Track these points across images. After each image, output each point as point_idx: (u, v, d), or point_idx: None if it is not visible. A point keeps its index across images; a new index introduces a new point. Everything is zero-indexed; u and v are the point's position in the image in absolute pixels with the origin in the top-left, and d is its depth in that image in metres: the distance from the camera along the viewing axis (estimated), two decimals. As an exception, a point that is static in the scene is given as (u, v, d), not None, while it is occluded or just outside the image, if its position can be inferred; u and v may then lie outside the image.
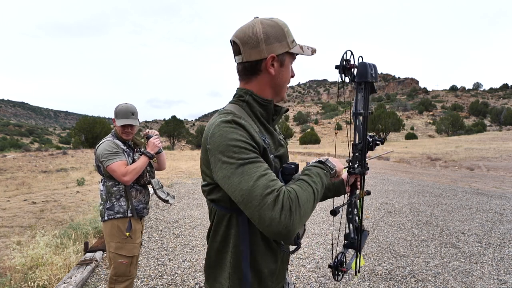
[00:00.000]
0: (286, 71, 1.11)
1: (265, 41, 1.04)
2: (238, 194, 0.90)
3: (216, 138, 0.95)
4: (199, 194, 8.69)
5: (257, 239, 1.07)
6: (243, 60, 1.07)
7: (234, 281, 1.06)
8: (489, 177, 11.85)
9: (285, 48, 1.07)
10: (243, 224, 1.04)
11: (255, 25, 1.05)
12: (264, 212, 0.85)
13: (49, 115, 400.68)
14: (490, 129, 65.67)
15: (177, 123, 55.61)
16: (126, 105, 2.38)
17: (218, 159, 0.94)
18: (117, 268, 2.28)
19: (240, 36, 1.06)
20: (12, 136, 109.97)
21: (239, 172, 0.90)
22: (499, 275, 3.50)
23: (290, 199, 0.87)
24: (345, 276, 1.60)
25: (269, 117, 1.13)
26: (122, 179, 2.22)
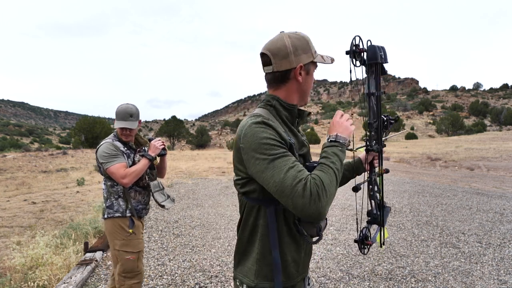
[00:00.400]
0: (311, 79, 1.25)
1: (294, 52, 1.17)
2: (272, 185, 1.03)
3: (248, 138, 1.09)
4: (199, 194, 8.69)
5: (282, 229, 1.18)
6: (274, 70, 1.19)
7: (261, 266, 1.19)
8: (489, 177, 11.85)
9: (310, 58, 1.21)
10: (270, 215, 1.16)
11: (283, 38, 1.18)
12: (296, 199, 0.99)
13: (49, 115, 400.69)
14: (490, 129, 65.66)
15: (177, 123, 55.62)
16: (126, 106, 2.35)
17: (251, 156, 1.08)
18: (125, 264, 2.28)
19: (270, 49, 1.18)
20: (12, 136, 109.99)
21: (271, 167, 1.04)
22: (499, 275, 3.50)
23: (317, 185, 1.00)
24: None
25: (293, 120, 1.26)
26: (121, 181, 2.23)
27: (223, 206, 7.06)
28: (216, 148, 59.69)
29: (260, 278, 1.19)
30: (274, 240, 1.16)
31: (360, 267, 3.72)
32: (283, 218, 1.18)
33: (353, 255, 4.10)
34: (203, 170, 14.76)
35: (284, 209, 1.17)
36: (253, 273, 1.19)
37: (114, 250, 2.32)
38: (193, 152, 33.09)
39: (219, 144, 70.58)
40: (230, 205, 7.18)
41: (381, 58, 1.27)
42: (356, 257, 4.02)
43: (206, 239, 4.78)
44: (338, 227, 5.31)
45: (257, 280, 1.19)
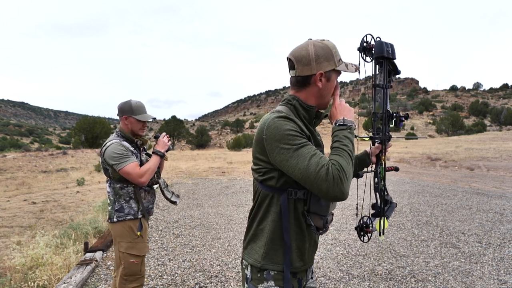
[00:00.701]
0: (331, 85, 1.33)
1: (316, 60, 1.26)
2: (298, 172, 1.14)
3: (272, 130, 1.19)
4: (199, 194, 8.69)
5: (290, 218, 1.27)
6: (296, 74, 1.29)
7: (269, 249, 1.28)
8: (489, 177, 11.85)
9: (332, 66, 1.28)
10: (284, 201, 1.25)
11: (308, 46, 1.28)
12: (321, 183, 1.10)
13: (49, 115, 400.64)
14: (490, 129, 65.64)
15: (177, 123, 55.63)
16: (137, 101, 2.35)
17: (275, 146, 1.18)
18: (128, 267, 2.24)
19: (295, 55, 1.29)
20: (12, 136, 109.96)
21: (296, 155, 1.14)
22: (499, 275, 3.50)
23: (338, 170, 1.10)
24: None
25: (311, 120, 1.34)
26: (139, 181, 2.19)
27: (223, 206, 7.06)
28: (216, 148, 59.67)
29: (266, 259, 1.28)
30: (286, 225, 1.25)
31: (360, 267, 3.72)
32: (293, 207, 1.26)
33: (353, 255, 4.10)
34: (203, 170, 14.76)
35: (295, 199, 1.26)
36: (260, 255, 1.28)
37: (119, 252, 2.27)
38: (193, 152, 33.10)
39: (219, 144, 70.57)
40: (230, 205, 7.18)
41: (387, 53, 1.36)
42: (356, 257, 4.02)
43: (206, 239, 4.78)
44: (338, 227, 5.31)
45: (264, 261, 1.28)
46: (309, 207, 1.25)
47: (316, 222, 1.25)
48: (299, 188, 1.25)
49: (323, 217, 1.25)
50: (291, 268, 1.28)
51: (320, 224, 1.25)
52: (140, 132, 2.36)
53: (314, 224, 1.25)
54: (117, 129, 2.39)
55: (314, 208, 1.24)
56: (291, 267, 1.28)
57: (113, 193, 2.26)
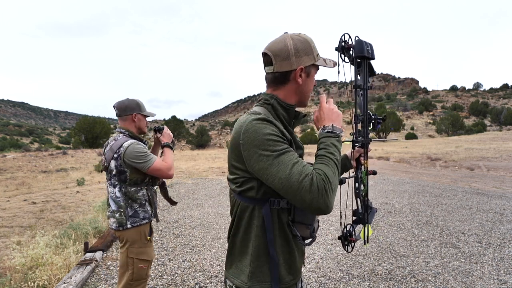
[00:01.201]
0: (311, 81, 1.25)
1: (295, 54, 1.17)
2: (278, 182, 1.03)
3: (250, 134, 1.07)
4: (199, 194, 8.69)
5: (275, 230, 1.16)
6: (274, 71, 1.19)
7: (255, 268, 1.17)
8: (489, 177, 11.85)
9: (312, 61, 1.20)
10: (266, 214, 1.14)
11: (286, 39, 1.18)
12: (304, 194, 0.99)
13: (49, 115, 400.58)
14: (490, 129, 65.63)
15: (177, 123, 55.64)
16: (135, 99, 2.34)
17: (254, 152, 1.06)
18: (137, 272, 2.20)
19: (272, 49, 1.18)
20: (12, 136, 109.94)
21: (276, 163, 1.03)
22: (499, 275, 3.50)
23: (322, 180, 1.00)
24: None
25: (290, 120, 1.24)
26: (168, 174, 2.17)
27: (223, 206, 7.06)
28: (216, 148, 59.65)
29: (253, 279, 1.16)
30: (270, 238, 1.15)
31: (360, 267, 3.72)
32: (276, 218, 1.16)
33: (353, 255, 4.10)
34: (203, 170, 14.76)
35: (278, 210, 1.16)
36: (246, 275, 1.17)
37: (127, 257, 2.19)
38: (193, 152, 33.09)
39: (219, 144, 70.56)
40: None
41: (367, 53, 1.28)
42: (356, 257, 4.02)
43: (206, 239, 4.78)
44: (338, 227, 5.31)
45: (250, 282, 1.16)
46: (293, 217, 1.16)
47: (302, 232, 1.16)
48: (282, 197, 1.13)
49: (309, 226, 1.15)
50: (281, 285, 1.18)
51: (307, 234, 1.16)
52: (145, 129, 2.35)
53: (300, 234, 1.16)
54: (122, 129, 2.26)
55: (299, 217, 1.15)
56: (281, 283, 1.18)
57: (125, 198, 2.15)
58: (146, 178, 2.23)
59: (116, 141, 2.17)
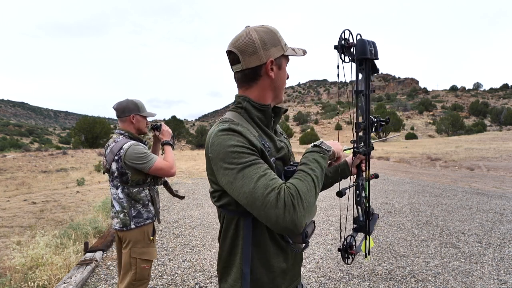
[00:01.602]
0: (283, 73, 1.16)
1: (263, 47, 1.08)
2: (243, 197, 0.95)
3: (215, 147, 1.01)
4: (199, 194, 8.69)
5: (265, 239, 1.10)
6: (243, 68, 1.10)
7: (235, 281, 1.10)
8: (489, 177, 11.85)
9: (281, 52, 1.12)
10: (247, 227, 1.08)
11: (249, 33, 1.09)
12: (268, 211, 0.91)
13: (49, 115, 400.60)
14: (490, 129, 65.62)
15: (177, 123, 55.62)
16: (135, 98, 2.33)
17: (220, 166, 1.00)
18: (139, 273, 2.19)
19: (237, 45, 1.09)
20: (12, 136, 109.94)
21: (240, 176, 0.95)
22: (499, 275, 3.50)
23: (291, 195, 0.92)
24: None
25: (268, 121, 1.16)
26: (171, 172, 2.17)
27: (223, 206, 7.06)
28: (216, 148, 59.39)
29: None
30: (246, 253, 1.07)
31: (360, 267, 3.72)
32: (266, 227, 1.09)
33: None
34: (203, 170, 14.76)
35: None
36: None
37: (130, 258, 2.18)
38: (193, 152, 33.09)
39: (219, 144, 70.25)
40: (230, 205, 7.18)
41: (370, 54, 1.15)
42: (356, 257, 4.02)
43: (206, 239, 4.78)
44: (338, 227, 5.31)
45: None
46: None
47: (294, 238, 1.08)
48: None
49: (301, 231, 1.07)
50: None
51: (299, 239, 1.05)
52: (145, 130, 2.34)
53: (293, 241, 1.09)
54: (121, 131, 2.25)
55: None
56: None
57: (128, 199, 2.16)
58: (148, 179, 2.23)
59: (116, 143, 2.16)
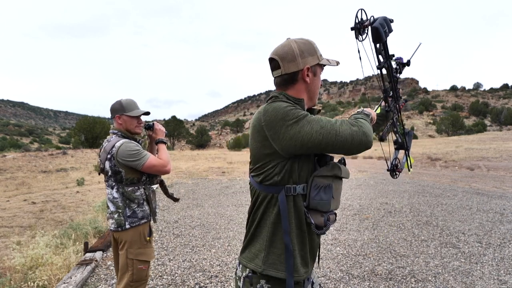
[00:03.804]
0: (318, 80, 1.31)
1: (301, 55, 1.23)
2: (316, 135, 1.11)
3: (270, 112, 1.16)
4: (199, 194, 8.69)
5: (291, 219, 1.20)
6: (282, 73, 1.25)
7: (269, 253, 1.20)
8: (489, 177, 11.84)
9: (316, 61, 1.27)
10: (282, 202, 1.18)
11: (290, 43, 1.25)
12: (343, 134, 1.11)
13: (49, 115, 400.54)
14: (490, 129, 65.61)
15: (177, 123, 55.64)
16: (127, 98, 2.31)
17: (281, 125, 1.13)
18: (137, 274, 2.18)
19: (278, 53, 1.25)
20: (12, 136, 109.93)
21: (306, 122, 1.12)
22: (499, 275, 3.50)
23: (355, 122, 1.16)
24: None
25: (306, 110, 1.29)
26: (165, 170, 2.16)
27: (223, 206, 7.06)
28: (216, 148, 59.67)
29: (267, 265, 1.19)
30: (286, 226, 1.18)
31: (360, 267, 3.72)
32: (293, 206, 1.19)
33: (353, 255, 4.10)
34: (203, 170, 14.76)
35: (294, 196, 1.19)
36: (261, 259, 1.20)
37: (126, 259, 2.16)
38: (193, 152, 33.08)
39: (219, 144, 70.53)
40: (230, 205, 7.18)
41: (386, 35, 1.31)
42: (356, 257, 4.02)
43: (206, 239, 4.78)
44: (338, 227, 5.31)
45: (264, 266, 1.19)
46: (308, 203, 1.19)
47: (316, 219, 1.19)
48: (298, 183, 1.19)
49: (323, 214, 1.18)
50: (295, 275, 1.18)
51: (321, 222, 1.18)
52: (137, 130, 2.28)
53: (314, 222, 1.19)
54: (114, 130, 2.26)
55: (314, 203, 1.18)
56: (295, 274, 1.18)
57: (123, 199, 2.14)
58: (143, 177, 2.22)
59: (109, 142, 2.16)
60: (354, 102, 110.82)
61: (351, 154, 1.15)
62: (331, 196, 1.18)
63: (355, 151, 1.14)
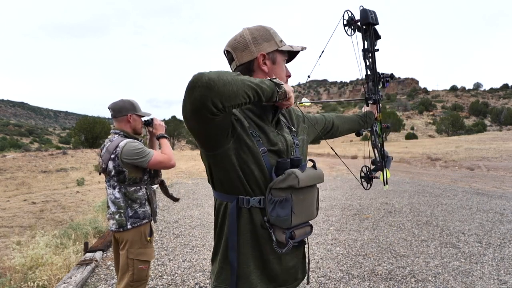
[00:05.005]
0: (279, 68, 1.18)
1: (253, 42, 1.13)
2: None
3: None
4: (199, 194, 8.69)
5: (245, 230, 1.09)
6: (237, 64, 1.15)
7: (222, 268, 1.12)
8: (489, 177, 11.84)
9: (274, 47, 1.15)
10: (231, 214, 1.08)
11: (242, 32, 1.16)
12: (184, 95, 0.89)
13: (49, 115, 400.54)
14: (490, 129, 65.62)
15: (177, 123, 55.61)
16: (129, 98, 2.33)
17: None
18: (137, 274, 2.18)
19: (231, 44, 1.16)
20: (12, 136, 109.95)
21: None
22: (499, 275, 3.50)
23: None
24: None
25: (260, 113, 1.15)
26: (171, 164, 2.16)
27: (223, 206, 7.05)
28: (216, 148, 59.27)
29: (219, 281, 1.11)
30: (232, 239, 1.07)
31: (360, 267, 3.72)
32: (248, 217, 1.08)
33: (353, 255, 4.10)
34: (203, 170, 14.76)
35: (249, 209, 1.08)
36: (215, 274, 1.14)
37: (127, 259, 2.17)
38: (193, 152, 33.07)
39: (219, 144, 70.22)
40: (230, 205, 7.17)
41: (372, 19, 1.44)
42: (356, 257, 4.02)
43: (206, 239, 4.78)
44: (338, 227, 5.31)
45: (216, 282, 1.12)
46: (268, 218, 1.06)
47: (278, 236, 1.05)
48: (252, 196, 1.08)
49: (285, 230, 1.04)
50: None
51: (282, 239, 1.04)
52: (141, 130, 2.33)
53: (277, 238, 1.06)
54: (116, 130, 2.24)
55: (272, 219, 1.04)
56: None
57: (125, 199, 2.14)
58: (145, 176, 2.23)
59: (111, 142, 2.16)
60: (354, 102, 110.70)
61: (193, 100, 0.87)
62: (290, 211, 1.01)
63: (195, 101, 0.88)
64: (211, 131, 0.98)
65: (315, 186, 1.15)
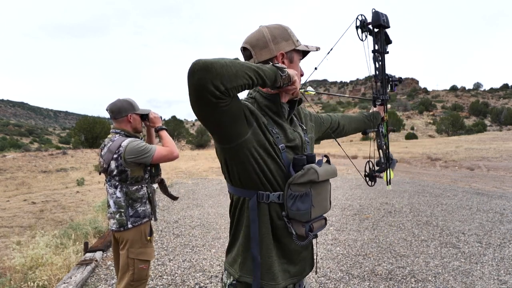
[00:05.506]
0: (296, 67, 1.21)
1: (273, 41, 1.15)
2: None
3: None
4: (199, 194, 8.69)
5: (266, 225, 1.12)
6: (256, 62, 1.15)
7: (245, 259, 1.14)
8: (489, 177, 11.84)
9: (292, 46, 1.18)
10: (252, 209, 1.10)
11: (261, 30, 1.17)
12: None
13: (49, 115, 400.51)
14: (490, 129, 65.61)
15: (177, 123, 55.67)
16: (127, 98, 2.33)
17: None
18: (137, 273, 2.18)
19: (249, 41, 1.16)
20: (11, 136, 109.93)
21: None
22: (499, 275, 3.50)
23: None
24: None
25: (277, 109, 1.18)
26: (174, 156, 2.18)
27: (223, 206, 7.05)
28: (216, 148, 59.33)
29: (243, 271, 1.14)
30: (254, 234, 1.10)
31: (360, 267, 3.72)
32: (267, 214, 1.12)
33: (353, 255, 4.10)
34: (203, 170, 14.76)
35: (268, 204, 1.11)
36: (238, 265, 1.15)
37: (127, 258, 2.17)
38: (193, 152, 33.09)
39: (219, 144, 70.19)
40: (230, 205, 7.18)
41: (383, 22, 1.46)
42: (356, 257, 4.02)
43: (206, 239, 4.78)
44: (338, 227, 5.31)
45: (241, 272, 1.14)
46: (287, 213, 1.10)
47: (297, 230, 1.10)
48: (272, 191, 1.11)
49: (304, 224, 1.09)
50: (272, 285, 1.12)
51: (302, 232, 1.09)
52: (141, 128, 2.34)
53: (296, 232, 1.10)
54: (117, 130, 2.24)
55: (292, 214, 1.09)
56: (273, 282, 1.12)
57: (126, 198, 2.15)
58: (146, 175, 2.24)
59: (113, 142, 2.15)
60: (354, 102, 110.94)
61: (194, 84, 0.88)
62: (310, 204, 1.07)
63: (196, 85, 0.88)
64: (221, 118, 0.98)
65: (328, 180, 1.20)
